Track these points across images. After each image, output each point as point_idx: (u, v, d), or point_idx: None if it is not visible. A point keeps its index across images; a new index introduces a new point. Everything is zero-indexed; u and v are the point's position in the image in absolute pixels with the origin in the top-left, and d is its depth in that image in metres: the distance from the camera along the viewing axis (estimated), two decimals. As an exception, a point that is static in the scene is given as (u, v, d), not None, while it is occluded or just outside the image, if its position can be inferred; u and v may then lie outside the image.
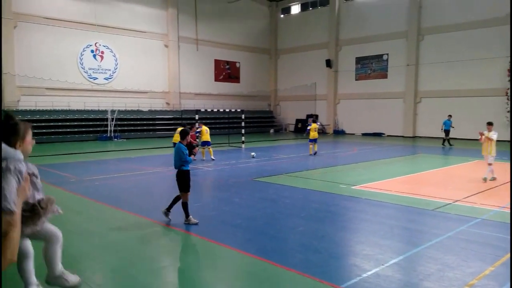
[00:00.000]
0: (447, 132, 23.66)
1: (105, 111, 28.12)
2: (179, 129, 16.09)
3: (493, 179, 12.00)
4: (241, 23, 38.45)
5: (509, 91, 26.16)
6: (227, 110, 25.39)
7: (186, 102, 33.84)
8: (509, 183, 11.25)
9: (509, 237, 6.77)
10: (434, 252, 6.04)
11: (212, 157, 16.74)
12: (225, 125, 31.24)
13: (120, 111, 28.77)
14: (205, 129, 17.01)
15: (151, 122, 30.95)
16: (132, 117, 29.94)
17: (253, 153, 17.65)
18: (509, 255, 5.87)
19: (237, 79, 38.62)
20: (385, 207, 9.06)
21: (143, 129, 30.40)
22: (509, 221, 7.79)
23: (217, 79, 36.92)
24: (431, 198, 9.83)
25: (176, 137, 15.60)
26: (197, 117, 21.12)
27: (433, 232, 7.03)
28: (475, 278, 5.06)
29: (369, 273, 5.25)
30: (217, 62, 36.79)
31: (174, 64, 33.19)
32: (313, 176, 13.19)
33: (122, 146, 23.31)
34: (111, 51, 29.58)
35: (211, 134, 17.38)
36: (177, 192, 7.83)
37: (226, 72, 37.66)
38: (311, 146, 19.03)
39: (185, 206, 7.59)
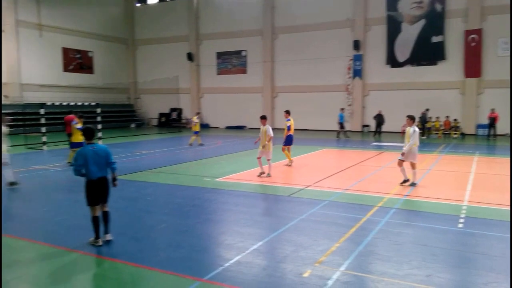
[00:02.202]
0: (341, 124, 24.50)
1: None
2: (76, 124, 14.03)
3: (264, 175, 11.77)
4: (93, 9, 35.34)
5: (349, 87, 29.93)
6: (79, 103, 23.19)
7: (30, 94, 29.69)
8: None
9: (351, 215, 7.72)
10: (289, 235, 6.51)
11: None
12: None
13: None
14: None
15: (-16, 118, 26.25)
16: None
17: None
18: (352, 230, 6.68)
19: (90, 69, 35.50)
20: (246, 196, 9.43)
21: (-26, 127, 25.61)
22: (351, 201, 8.89)
23: (66, 69, 33.33)
24: (287, 185, 10.62)
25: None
26: (42, 111, 18.79)
27: (289, 216, 7.58)
28: (323, 255, 5.60)
29: (231, 261, 5.37)
30: (65, 51, 33.17)
31: (12, 52, 28.73)
32: (177, 171, 12.98)
33: None
34: None
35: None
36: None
37: (77, 62, 34.29)
38: (193, 137, 20.18)
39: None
